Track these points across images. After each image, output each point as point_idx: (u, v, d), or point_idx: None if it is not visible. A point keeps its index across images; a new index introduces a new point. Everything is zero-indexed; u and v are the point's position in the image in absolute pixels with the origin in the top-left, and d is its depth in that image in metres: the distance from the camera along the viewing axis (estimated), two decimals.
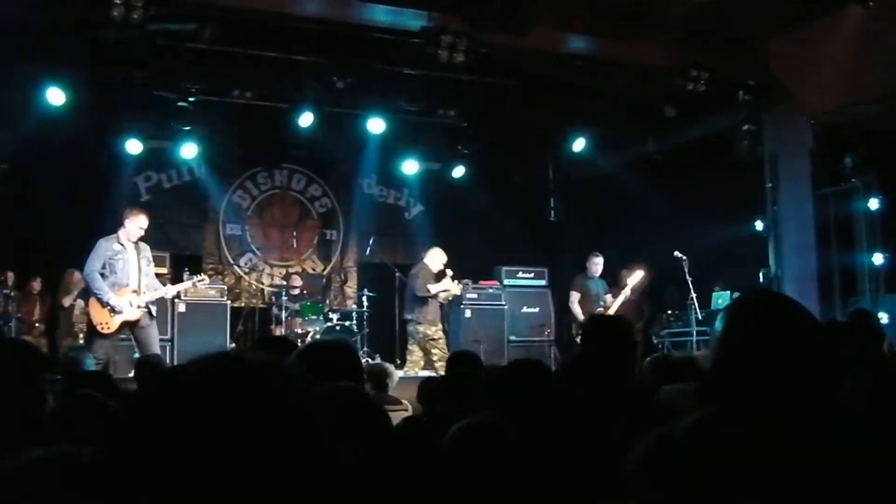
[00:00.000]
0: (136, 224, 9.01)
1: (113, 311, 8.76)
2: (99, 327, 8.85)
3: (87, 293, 9.34)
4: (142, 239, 9.23)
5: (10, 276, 11.70)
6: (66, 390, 4.01)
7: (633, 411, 3.10)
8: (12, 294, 11.45)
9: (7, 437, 2.65)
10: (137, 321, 8.95)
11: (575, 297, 12.10)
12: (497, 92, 12.42)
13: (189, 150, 13.15)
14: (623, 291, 11.68)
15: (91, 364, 6.93)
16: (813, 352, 2.06)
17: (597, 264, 12.10)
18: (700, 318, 11.56)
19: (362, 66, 11.15)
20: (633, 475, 1.11)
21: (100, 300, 8.79)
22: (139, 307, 8.93)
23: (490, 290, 13.75)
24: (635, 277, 11.55)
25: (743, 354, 2.09)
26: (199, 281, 10.56)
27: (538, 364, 3.36)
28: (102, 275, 8.83)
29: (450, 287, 12.00)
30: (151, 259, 9.41)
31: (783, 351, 2.04)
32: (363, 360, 9.46)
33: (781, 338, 2.06)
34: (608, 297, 11.88)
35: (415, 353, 11.74)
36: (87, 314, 9.35)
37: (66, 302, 11.86)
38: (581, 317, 11.66)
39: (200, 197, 14.40)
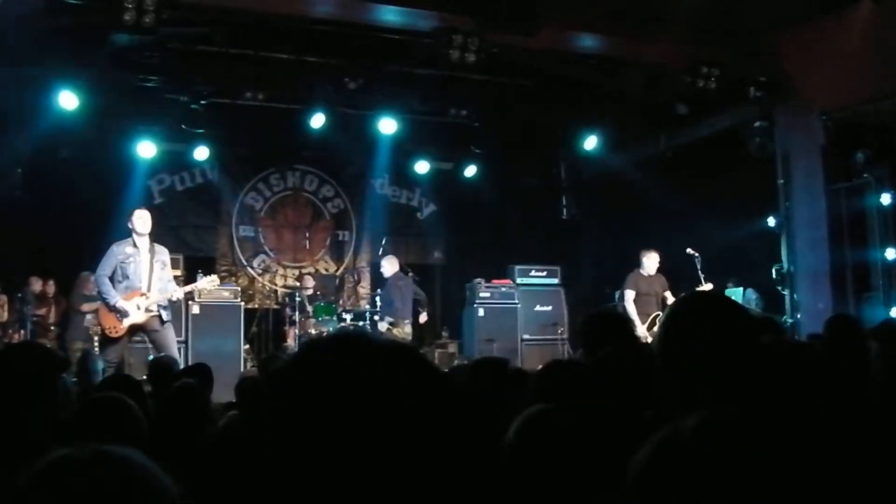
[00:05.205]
0: (140, 220, 8.86)
1: (120, 314, 8.70)
2: (107, 331, 8.79)
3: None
4: (158, 241, 9.22)
5: (36, 281, 11.79)
6: (84, 393, 4.05)
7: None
8: (28, 298, 11.52)
9: (27, 439, 2.69)
10: (146, 324, 8.82)
11: (630, 295, 11.12)
12: (508, 91, 12.42)
13: (202, 153, 13.20)
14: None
15: (100, 367, 6.93)
16: (740, 346, 2.19)
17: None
18: None
19: (374, 66, 11.17)
20: (636, 481, 1.10)
21: (107, 304, 8.74)
22: (147, 310, 8.79)
23: (503, 289, 13.77)
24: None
25: (677, 352, 2.24)
26: (209, 282, 10.47)
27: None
28: (114, 279, 8.75)
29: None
30: (168, 262, 9.27)
31: (713, 347, 2.17)
32: None
33: (710, 335, 2.19)
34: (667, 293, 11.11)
35: None
36: (97, 317, 9.38)
37: (87, 308, 11.55)
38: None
39: (213, 199, 14.49)
